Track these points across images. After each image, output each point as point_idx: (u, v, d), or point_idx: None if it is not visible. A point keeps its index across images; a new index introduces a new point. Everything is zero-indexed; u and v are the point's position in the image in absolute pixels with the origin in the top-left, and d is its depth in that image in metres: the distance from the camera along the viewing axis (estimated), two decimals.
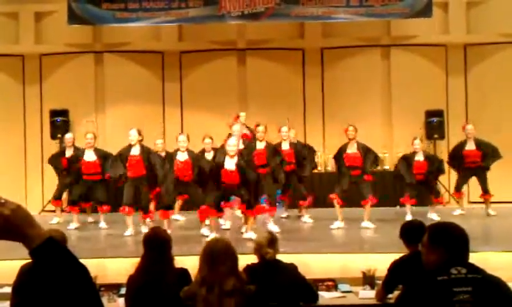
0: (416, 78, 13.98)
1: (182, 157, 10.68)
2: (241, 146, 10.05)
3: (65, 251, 1.89)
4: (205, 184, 9.61)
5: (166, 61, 14.48)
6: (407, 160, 11.34)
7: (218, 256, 4.05)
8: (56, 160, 11.96)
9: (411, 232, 4.99)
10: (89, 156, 11.12)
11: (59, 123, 13.23)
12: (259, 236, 5.02)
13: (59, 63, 14.35)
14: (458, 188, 12.10)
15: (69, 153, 11.64)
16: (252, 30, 14.25)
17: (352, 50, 14.29)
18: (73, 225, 11.05)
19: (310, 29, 14.29)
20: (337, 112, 13.70)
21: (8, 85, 14.32)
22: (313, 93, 14.30)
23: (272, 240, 4.83)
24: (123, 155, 10.25)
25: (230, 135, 10.39)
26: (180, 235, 9.55)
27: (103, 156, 11.07)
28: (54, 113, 13.48)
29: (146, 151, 10.25)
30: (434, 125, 13.15)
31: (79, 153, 11.30)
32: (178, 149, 11.04)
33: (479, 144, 11.67)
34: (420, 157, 11.23)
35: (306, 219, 11.42)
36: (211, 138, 11.08)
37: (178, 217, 11.66)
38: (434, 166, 11.26)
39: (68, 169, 11.44)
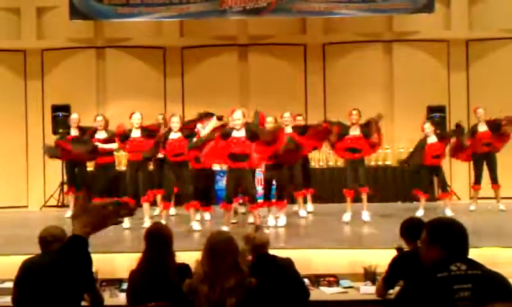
0: (418, 74, 13.98)
1: (175, 135, 10.51)
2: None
3: (88, 255, 2.48)
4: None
5: (167, 56, 14.48)
6: (419, 146, 11.26)
7: (219, 251, 4.05)
8: (55, 148, 11.92)
9: (411, 229, 5.00)
10: (100, 135, 11.13)
11: (61, 118, 13.21)
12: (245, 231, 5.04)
13: (60, 58, 14.35)
14: (478, 180, 11.87)
15: (74, 133, 11.68)
16: (254, 25, 14.24)
17: (354, 46, 14.28)
18: None
19: (312, 25, 14.27)
20: (339, 107, 13.65)
21: (10, 80, 14.32)
22: (315, 88, 14.30)
23: (257, 228, 4.87)
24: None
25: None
26: (177, 230, 9.58)
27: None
28: (55, 108, 13.48)
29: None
30: (436, 120, 13.12)
31: (86, 131, 11.35)
32: (170, 130, 10.75)
33: (488, 123, 11.70)
34: (433, 139, 11.21)
35: (303, 213, 11.38)
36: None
37: (172, 211, 11.64)
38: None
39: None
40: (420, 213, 10.58)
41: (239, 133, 9.58)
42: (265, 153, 9.64)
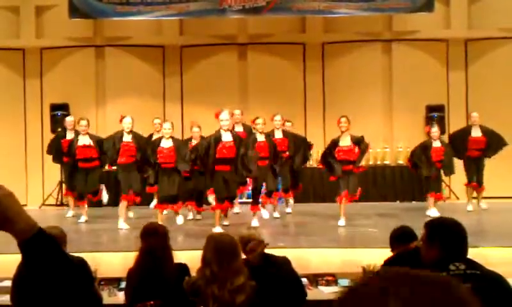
0: (417, 73, 13.97)
1: (166, 144, 10.54)
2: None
3: (54, 244, 1.87)
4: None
5: (166, 55, 14.46)
6: (425, 150, 11.26)
7: (228, 252, 4.05)
8: (54, 145, 11.94)
9: (400, 237, 4.97)
10: (84, 140, 11.14)
11: (60, 117, 13.22)
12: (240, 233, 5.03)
13: (59, 57, 14.33)
14: (470, 180, 11.89)
15: (70, 136, 11.70)
16: (253, 24, 14.24)
17: (354, 45, 14.27)
18: (83, 218, 11.11)
19: (312, 24, 14.27)
20: (338, 106, 13.67)
21: (9, 79, 14.31)
22: (314, 87, 14.29)
23: (250, 228, 4.89)
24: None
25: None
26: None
27: (98, 141, 11.13)
28: (54, 107, 13.48)
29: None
30: (435, 119, 13.14)
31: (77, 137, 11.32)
32: (162, 137, 10.58)
33: (485, 131, 11.74)
34: (437, 144, 11.23)
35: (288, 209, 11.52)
36: (199, 127, 11.03)
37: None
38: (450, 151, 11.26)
39: (68, 152, 11.39)
40: (435, 213, 10.57)
41: (227, 137, 9.65)
42: None
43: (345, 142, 10.39)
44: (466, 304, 1.07)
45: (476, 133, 11.74)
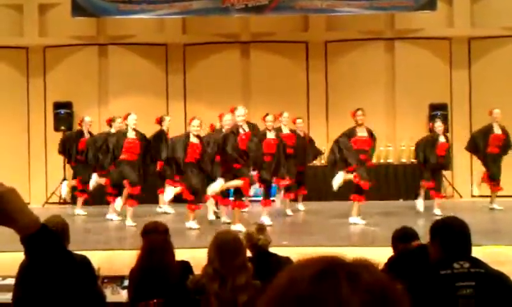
0: (420, 72, 13.95)
1: (194, 140, 10.50)
2: None
3: (57, 240, 1.87)
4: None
5: (169, 53, 14.47)
6: (429, 143, 11.26)
7: (230, 249, 4.04)
8: (73, 144, 11.93)
9: (402, 237, 4.97)
10: (131, 135, 10.85)
11: (63, 115, 13.25)
12: (248, 227, 5.02)
13: (63, 55, 14.35)
14: (493, 176, 11.76)
15: (87, 136, 11.77)
16: (256, 23, 14.23)
17: (356, 44, 14.26)
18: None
19: (314, 22, 14.25)
20: (341, 105, 13.67)
21: (12, 77, 14.32)
22: (317, 86, 14.28)
23: (260, 228, 4.85)
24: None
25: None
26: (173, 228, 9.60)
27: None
28: (57, 105, 13.50)
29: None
30: (438, 118, 13.11)
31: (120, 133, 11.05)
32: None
33: (503, 129, 11.84)
34: (442, 139, 11.27)
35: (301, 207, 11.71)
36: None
37: (168, 209, 11.67)
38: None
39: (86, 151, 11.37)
40: (438, 212, 10.59)
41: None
42: None
43: (363, 133, 10.52)
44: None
45: (497, 130, 11.81)
